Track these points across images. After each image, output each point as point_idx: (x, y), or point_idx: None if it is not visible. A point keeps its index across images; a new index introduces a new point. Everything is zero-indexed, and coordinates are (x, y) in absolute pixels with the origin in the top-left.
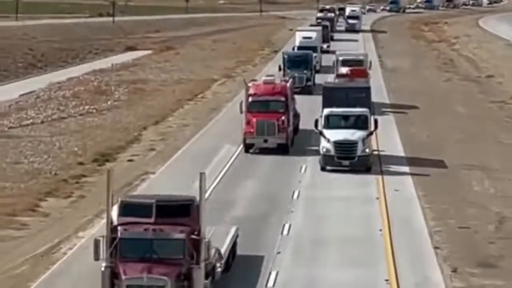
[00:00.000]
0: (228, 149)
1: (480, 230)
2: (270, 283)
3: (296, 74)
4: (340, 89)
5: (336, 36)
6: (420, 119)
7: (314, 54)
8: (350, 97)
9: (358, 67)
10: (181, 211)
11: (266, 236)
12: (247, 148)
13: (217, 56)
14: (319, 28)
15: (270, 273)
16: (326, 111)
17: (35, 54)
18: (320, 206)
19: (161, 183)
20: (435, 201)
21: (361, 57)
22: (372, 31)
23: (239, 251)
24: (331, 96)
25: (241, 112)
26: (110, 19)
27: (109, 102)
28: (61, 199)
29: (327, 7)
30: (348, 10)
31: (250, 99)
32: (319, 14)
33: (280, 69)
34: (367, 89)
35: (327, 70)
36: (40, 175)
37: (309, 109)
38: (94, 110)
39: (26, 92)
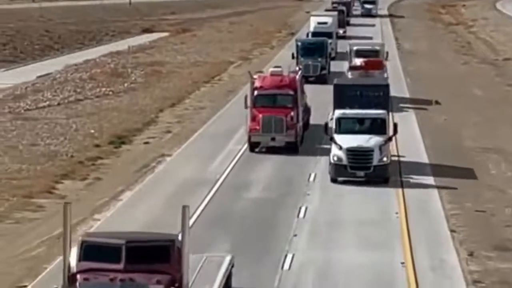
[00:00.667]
0: (244, 131)
1: (497, 214)
2: None
3: (310, 62)
4: (354, 86)
5: (352, 20)
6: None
7: (329, 41)
8: (365, 96)
9: (373, 58)
10: (158, 254)
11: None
12: (252, 147)
13: (233, 38)
14: (335, 13)
15: None
16: (338, 113)
17: (52, 36)
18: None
19: (178, 165)
20: (451, 184)
21: (377, 47)
22: (390, 15)
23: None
24: (343, 95)
25: (246, 107)
26: (127, 1)
27: (125, 84)
28: (77, 181)
29: None
30: None
31: (255, 92)
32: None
33: (293, 57)
34: (385, 87)
35: (343, 56)
36: (57, 157)
37: (323, 101)
38: (111, 92)
39: (43, 74)
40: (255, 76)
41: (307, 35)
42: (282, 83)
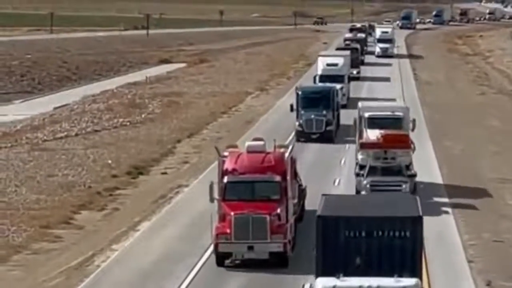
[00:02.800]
0: None
1: None
2: None
3: (313, 116)
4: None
5: (367, 59)
6: (455, 132)
7: (339, 86)
8: (374, 250)
9: (395, 129)
10: None
11: None
12: (220, 259)
13: (251, 69)
14: (347, 52)
15: None
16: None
17: (69, 67)
18: None
19: (195, 196)
20: (469, 214)
21: (399, 113)
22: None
23: None
24: (332, 244)
25: (212, 199)
26: (144, 32)
27: (143, 115)
28: (95, 211)
29: (358, 25)
30: (378, 32)
31: (225, 179)
32: (348, 35)
33: (292, 109)
34: (416, 221)
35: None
36: (74, 187)
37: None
38: (128, 123)
39: (60, 105)
40: (225, 153)
41: (314, 80)
42: (265, 165)
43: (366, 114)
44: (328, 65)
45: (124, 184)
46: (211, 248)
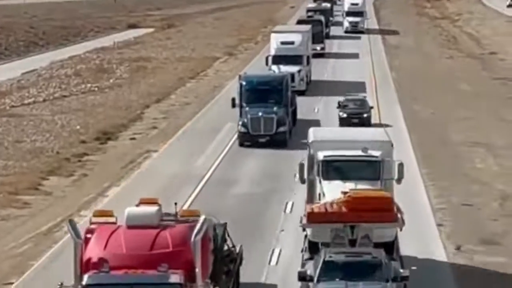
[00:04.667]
0: (230, 127)
1: (484, 208)
2: None
3: (260, 114)
4: None
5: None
6: (424, 96)
7: (297, 69)
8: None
9: (369, 181)
10: None
11: None
12: None
13: (218, 33)
14: (306, 27)
15: None
16: None
17: (37, 32)
18: None
19: (164, 161)
20: (438, 178)
21: (376, 153)
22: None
23: None
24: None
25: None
26: None
27: (111, 80)
28: (64, 177)
29: None
30: (346, 3)
31: (85, 278)
32: (311, 5)
33: (234, 104)
34: None
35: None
36: (42, 153)
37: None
38: (96, 89)
39: (28, 71)
40: (92, 225)
41: (266, 61)
42: (155, 253)
43: (321, 155)
44: (282, 43)
45: (93, 150)
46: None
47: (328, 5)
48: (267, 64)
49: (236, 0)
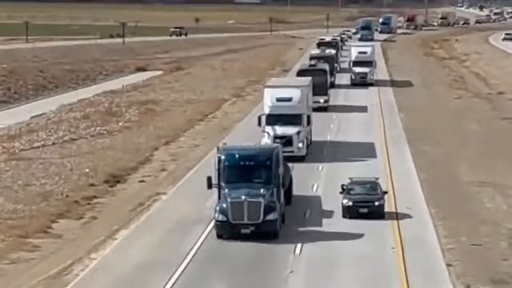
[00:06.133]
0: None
1: (493, 247)
2: None
3: (243, 197)
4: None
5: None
6: (432, 136)
7: (295, 130)
8: None
9: None
10: None
11: None
12: None
13: (227, 75)
14: (306, 81)
15: None
16: None
17: (46, 76)
18: None
19: (173, 203)
20: (447, 218)
21: None
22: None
23: None
24: None
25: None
26: (120, 40)
27: (120, 123)
28: (73, 220)
29: (327, 39)
30: (354, 52)
31: None
32: (314, 52)
33: (210, 185)
34: None
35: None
36: (52, 196)
37: None
38: (105, 132)
39: (37, 114)
40: None
41: (259, 121)
42: None
43: None
44: (278, 100)
45: (102, 192)
46: (190, 255)
47: (333, 51)
48: (259, 124)
49: (244, 42)
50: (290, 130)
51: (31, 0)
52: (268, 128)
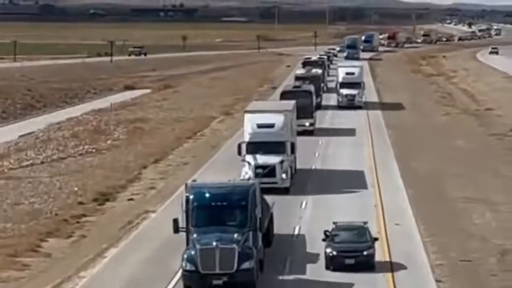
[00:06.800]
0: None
1: (482, 263)
2: None
3: (215, 243)
4: None
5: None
6: (421, 153)
7: (278, 159)
8: None
9: None
10: None
11: None
12: None
13: (215, 93)
14: (290, 104)
15: None
16: None
17: (34, 95)
18: None
19: (162, 222)
20: (436, 234)
21: None
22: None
23: None
24: None
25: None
26: (108, 59)
27: (108, 142)
28: (62, 239)
29: (313, 58)
30: (341, 73)
31: None
32: (299, 72)
33: (176, 228)
34: None
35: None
36: (41, 215)
37: None
38: (94, 150)
39: (26, 133)
40: None
41: (239, 149)
42: None
43: None
44: (259, 126)
45: (91, 211)
46: (179, 273)
47: (319, 71)
48: (239, 153)
49: (232, 60)
50: (272, 159)
51: (19, 19)
52: (249, 157)
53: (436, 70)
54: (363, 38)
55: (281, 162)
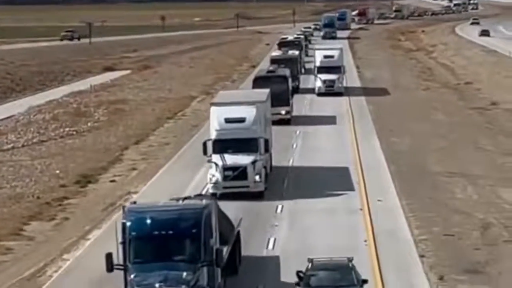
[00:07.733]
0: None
1: (465, 237)
2: None
3: (157, 284)
4: None
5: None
6: (401, 128)
7: (250, 160)
8: None
9: None
10: None
11: None
12: None
13: (195, 73)
14: (264, 94)
15: None
16: None
17: (13, 78)
18: None
19: (144, 202)
20: (419, 209)
21: None
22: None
23: None
24: None
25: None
26: (87, 40)
27: (89, 124)
28: (45, 222)
29: (290, 38)
30: (318, 56)
31: None
32: (275, 54)
33: (110, 266)
34: None
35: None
36: (23, 199)
37: None
38: (75, 132)
39: (6, 117)
40: None
41: (204, 148)
42: None
43: None
44: (228, 121)
45: (73, 193)
46: None
47: (296, 52)
48: (205, 153)
49: (211, 39)
50: (243, 160)
51: None
52: (216, 157)
53: (415, 45)
54: (337, 15)
55: (254, 162)
